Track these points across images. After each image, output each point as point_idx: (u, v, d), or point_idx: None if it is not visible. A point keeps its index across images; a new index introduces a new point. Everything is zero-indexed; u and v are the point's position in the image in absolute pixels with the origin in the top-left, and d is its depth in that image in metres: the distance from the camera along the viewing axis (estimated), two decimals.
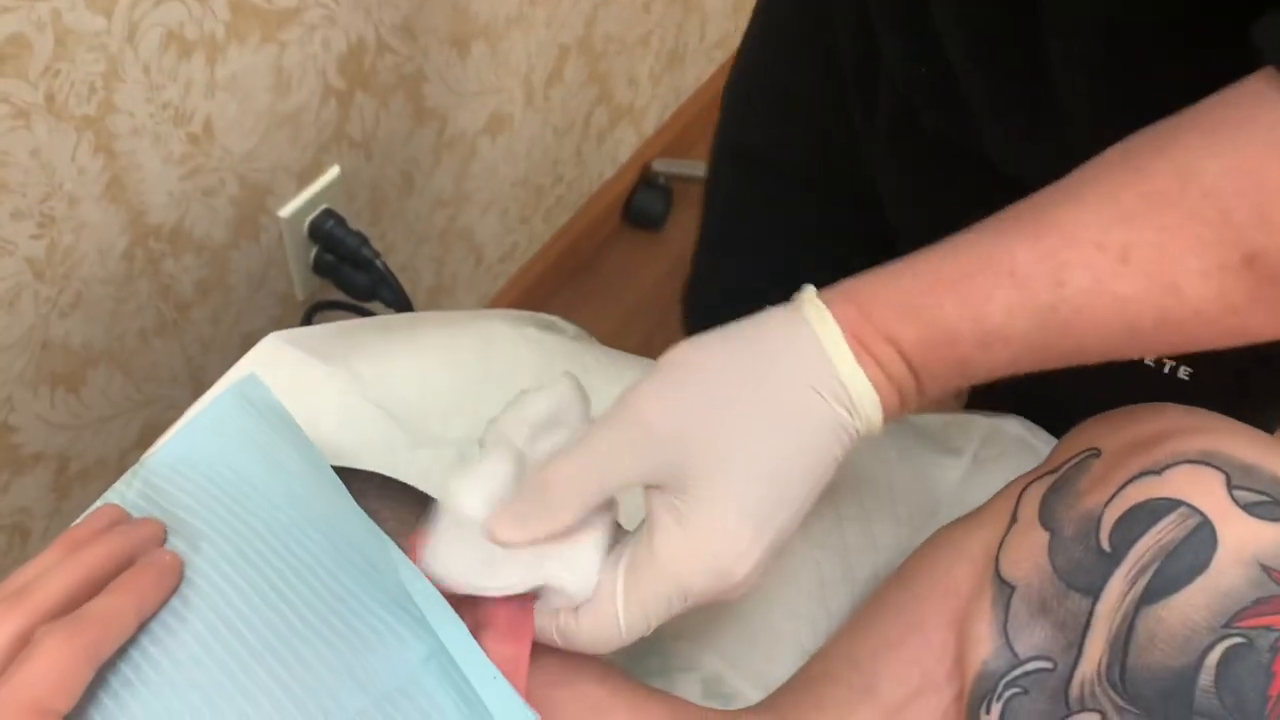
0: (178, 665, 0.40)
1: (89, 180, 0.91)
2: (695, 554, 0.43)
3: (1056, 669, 0.44)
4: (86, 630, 0.39)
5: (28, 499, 1.03)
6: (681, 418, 0.44)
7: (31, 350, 0.95)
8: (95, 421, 1.06)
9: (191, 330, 1.12)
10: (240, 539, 0.44)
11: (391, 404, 0.60)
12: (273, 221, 1.14)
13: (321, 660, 0.41)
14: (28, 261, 0.90)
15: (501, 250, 1.60)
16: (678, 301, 1.04)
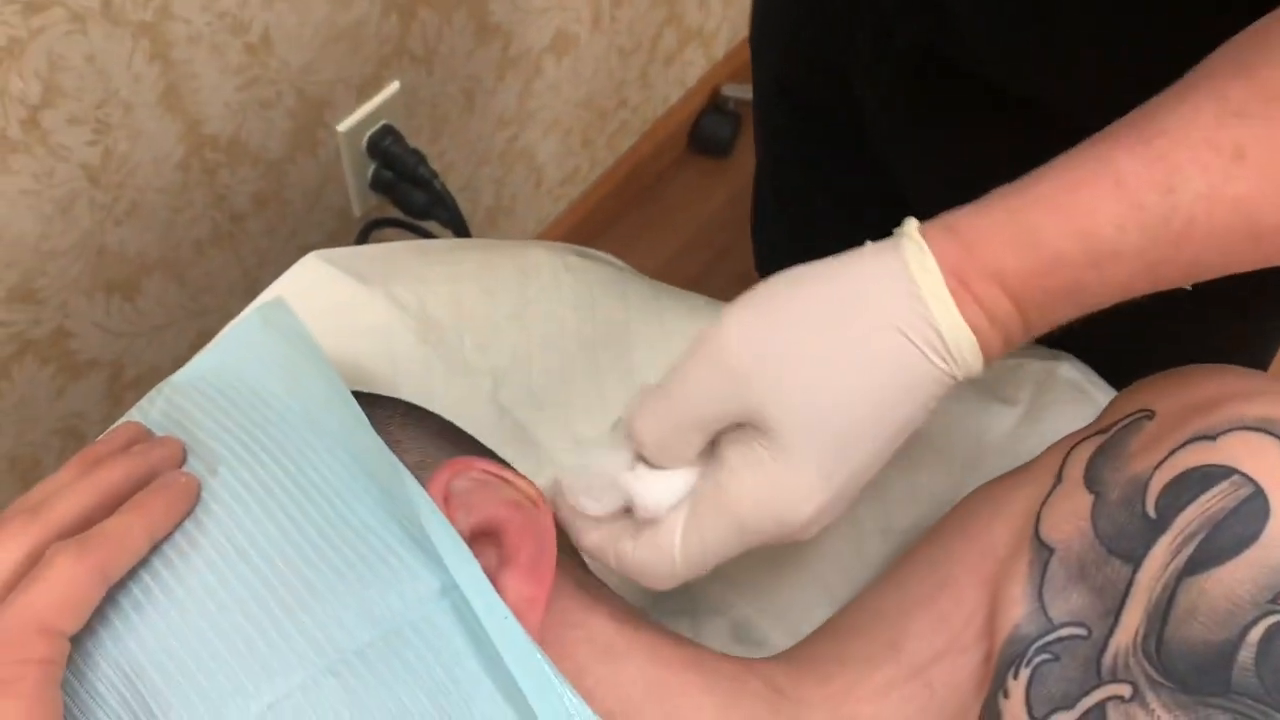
0: (188, 590, 0.40)
1: (144, 88, 0.90)
2: (761, 497, 0.43)
3: (1091, 636, 0.42)
4: (97, 550, 0.38)
5: (82, 404, 1.04)
6: (761, 357, 0.43)
7: (87, 257, 0.95)
8: (150, 330, 1.07)
9: (247, 242, 1.12)
10: (258, 464, 0.43)
11: (427, 329, 0.59)
12: (330, 136, 1.13)
13: (332, 591, 0.40)
14: (83, 167, 0.90)
15: (563, 173, 1.58)
16: (740, 230, 1.03)
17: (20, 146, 0.84)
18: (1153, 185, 0.40)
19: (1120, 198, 0.40)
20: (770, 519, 0.43)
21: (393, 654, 0.39)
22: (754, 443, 0.43)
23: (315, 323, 0.58)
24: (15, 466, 1.02)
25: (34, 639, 0.36)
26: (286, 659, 0.39)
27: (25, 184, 0.86)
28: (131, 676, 0.39)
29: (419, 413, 0.50)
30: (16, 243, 0.89)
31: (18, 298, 0.92)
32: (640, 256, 1.73)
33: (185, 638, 0.39)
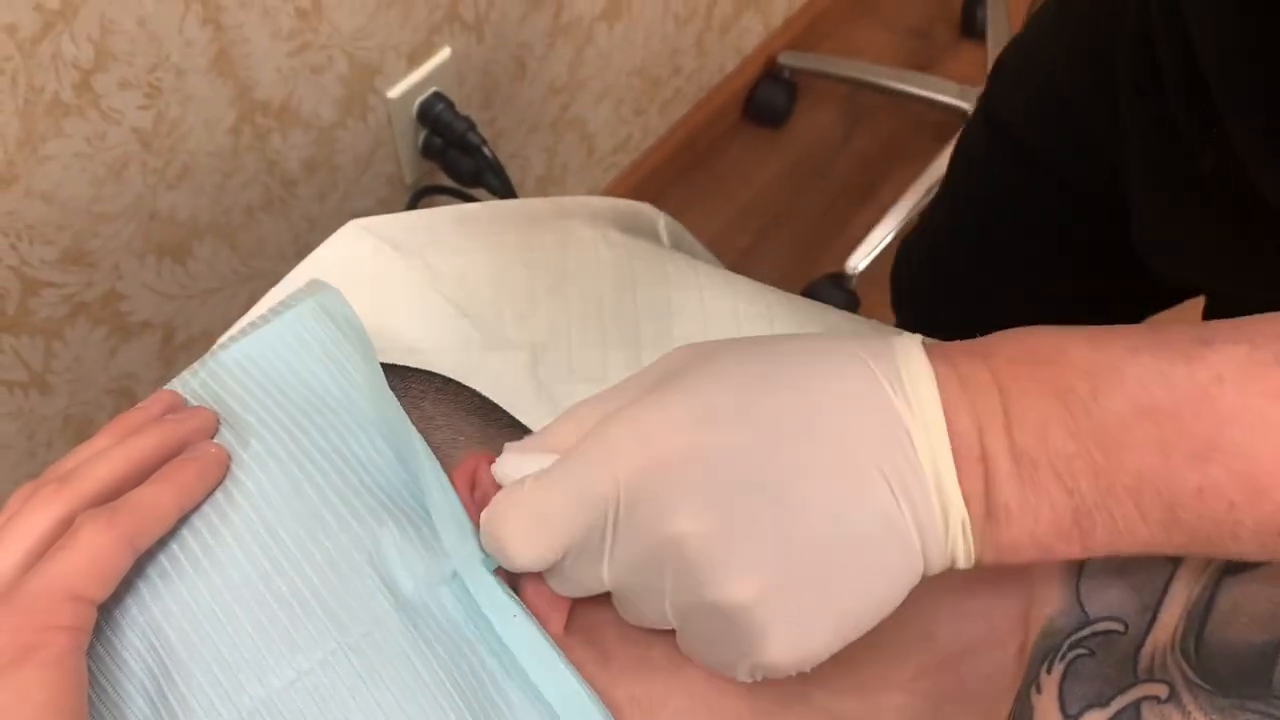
0: (214, 562, 0.40)
1: (196, 52, 0.91)
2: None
3: (1128, 632, 0.41)
4: (126, 519, 0.39)
5: (134, 365, 1.06)
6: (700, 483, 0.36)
7: (139, 220, 0.96)
8: (201, 293, 1.08)
9: (298, 207, 1.12)
10: (290, 438, 0.43)
11: (465, 301, 0.59)
12: (381, 102, 1.13)
13: (354, 568, 0.40)
14: (134, 131, 0.90)
15: (614, 142, 1.58)
16: (793, 201, 1.01)
17: (73, 110, 0.85)
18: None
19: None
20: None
21: (414, 629, 0.39)
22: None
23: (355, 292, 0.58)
24: (69, 424, 1.04)
25: (61, 606, 0.37)
26: (308, 635, 0.39)
27: (78, 147, 0.87)
28: (156, 646, 0.39)
29: (454, 388, 0.50)
30: (69, 205, 0.89)
31: (71, 260, 0.93)
32: (692, 227, 1.71)
33: (210, 610, 0.39)
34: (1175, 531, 0.35)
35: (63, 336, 0.97)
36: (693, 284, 0.61)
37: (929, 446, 0.35)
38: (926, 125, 1.82)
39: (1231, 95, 0.52)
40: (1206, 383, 0.34)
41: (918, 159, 1.73)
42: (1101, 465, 0.34)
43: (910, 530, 0.35)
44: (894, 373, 0.36)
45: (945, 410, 0.35)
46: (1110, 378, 0.34)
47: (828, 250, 1.69)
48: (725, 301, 0.60)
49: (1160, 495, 0.34)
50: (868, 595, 0.36)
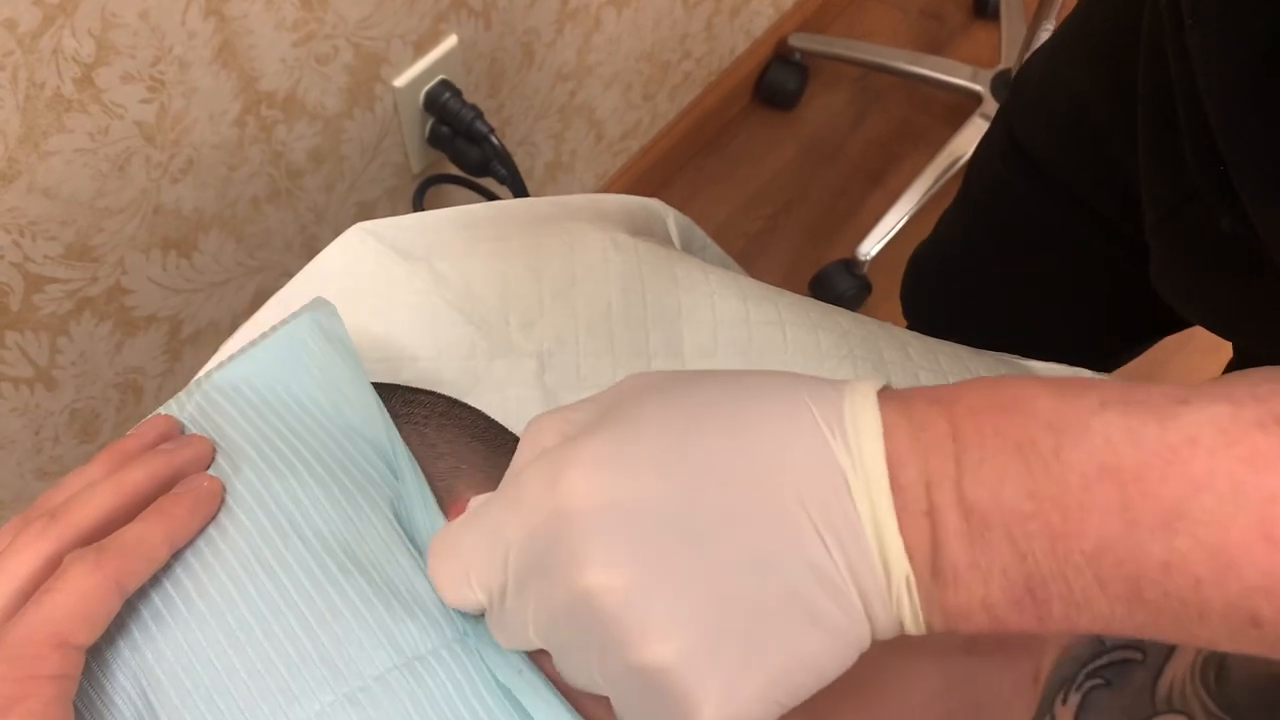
0: (208, 603, 0.39)
1: (199, 44, 0.90)
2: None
3: (1146, 661, 0.41)
4: (114, 559, 0.37)
5: (140, 359, 1.05)
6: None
7: (143, 214, 0.95)
8: (207, 286, 1.07)
9: (304, 199, 1.11)
10: (290, 472, 0.42)
11: (471, 308, 0.58)
12: (387, 91, 1.12)
13: (355, 614, 0.39)
14: (138, 125, 0.89)
15: (623, 128, 1.56)
16: (806, 185, 0.99)
17: (75, 105, 0.84)
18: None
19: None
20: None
21: (414, 682, 0.38)
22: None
23: (359, 298, 0.57)
24: (75, 419, 1.04)
25: (47, 653, 0.36)
26: (305, 684, 0.38)
27: (80, 142, 0.86)
28: (147, 690, 0.38)
29: (458, 411, 0.49)
30: (72, 201, 0.89)
31: (75, 255, 0.92)
32: (702, 212, 1.70)
33: (203, 654, 0.38)
34: (1138, 609, 0.31)
35: (68, 332, 0.96)
36: (702, 288, 0.60)
37: (868, 497, 0.32)
38: (939, 108, 1.80)
39: (1240, 163, 0.51)
40: (1178, 444, 0.30)
41: (930, 142, 1.71)
42: (1059, 529, 0.31)
43: (847, 585, 0.32)
44: (837, 418, 0.33)
45: (890, 460, 0.33)
46: (1075, 433, 0.31)
47: (839, 236, 1.68)
48: (735, 307, 0.59)
49: (1122, 567, 0.31)
50: (804, 654, 0.33)
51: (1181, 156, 0.57)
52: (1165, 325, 0.83)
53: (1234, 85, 0.49)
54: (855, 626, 0.33)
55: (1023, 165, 0.78)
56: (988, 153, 0.85)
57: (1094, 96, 0.69)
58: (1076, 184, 0.74)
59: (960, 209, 0.90)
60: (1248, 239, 0.54)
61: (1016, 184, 0.80)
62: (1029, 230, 0.81)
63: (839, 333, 0.60)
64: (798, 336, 0.59)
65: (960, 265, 0.89)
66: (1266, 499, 0.29)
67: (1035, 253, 0.82)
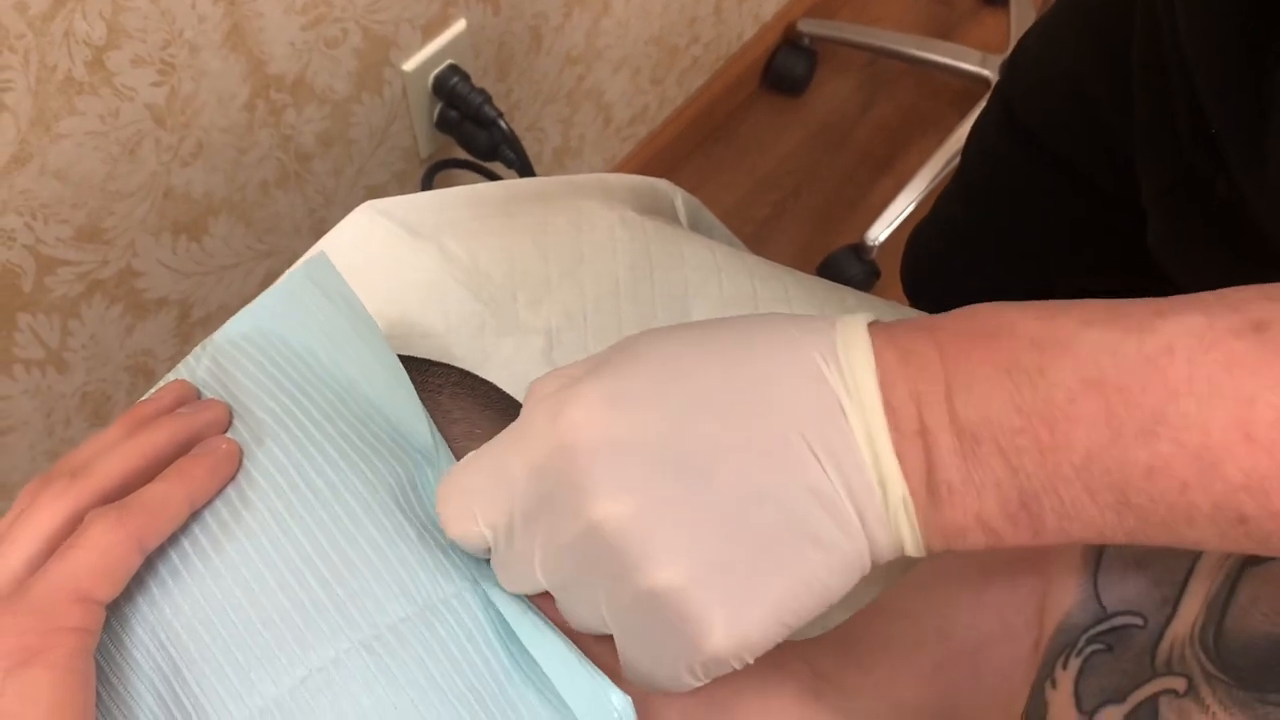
0: (225, 559, 0.40)
1: (209, 28, 0.90)
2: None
3: (1147, 626, 0.41)
4: (135, 517, 0.38)
5: (151, 342, 1.06)
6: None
7: (153, 198, 0.96)
8: (217, 269, 1.08)
9: (313, 182, 1.12)
10: (301, 431, 0.43)
11: (479, 285, 0.59)
12: (396, 75, 1.12)
13: (368, 564, 0.40)
14: (148, 109, 0.90)
15: (631, 112, 1.56)
16: (813, 171, 0.99)
17: (86, 88, 0.84)
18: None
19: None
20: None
21: (427, 630, 0.39)
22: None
23: (368, 275, 0.58)
24: (87, 402, 1.04)
25: (69, 607, 0.36)
26: (320, 632, 0.38)
27: (91, 125, 0.87)
28: (166, 644, 0.39)
29: (471, 381, 0.49)
30: (83, 183, 0.89)
31: (86, 238, 0.93)
32: (709, 197, 1.70)
33: (220, 607, 0.39)
34: (1127, 515, 0.32)
35: (79, 314, 0.97)
36: (710, 265, 0.60)
37: (863, 419, 0.33)
38: (947, 94, 1.80)
39: (1226, 127, 0.51)
40: (1155, 353, 0.32)
41: (938, 128, 1.71)
42: (1047, 442, 0.32)
43: (846, 506, 0.33)
44: (828, 347, 0.34)
45: (881, 383, 0.34)
46: (1058, 350, 0.32)
47: (847, 221, 1.68)
48: (743, 284, 0.60)
49: (1110, 475, 0.32)
50: (808, 575, 0.34)
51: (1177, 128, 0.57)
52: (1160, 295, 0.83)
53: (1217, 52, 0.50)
54: (856, 546, 0.34)
55: (1019, 140, 0.78)
56: (984, 129, 0.85)
57: (1089, 70, 0.70)
58: (1074, 157, 0.74)
59: (958, 186, 0.90)
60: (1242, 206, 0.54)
61: (1013, 158, 0.80)
62: (1026, 204, 0.81)
63: (844, 308, 0.61)
64: (804, 310, 0.59)
65: (959, 242, 0.89)
66: (1244, 400, 0.30)
67: (1033, 226, 0.82)
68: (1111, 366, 0.32)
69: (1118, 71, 0.64)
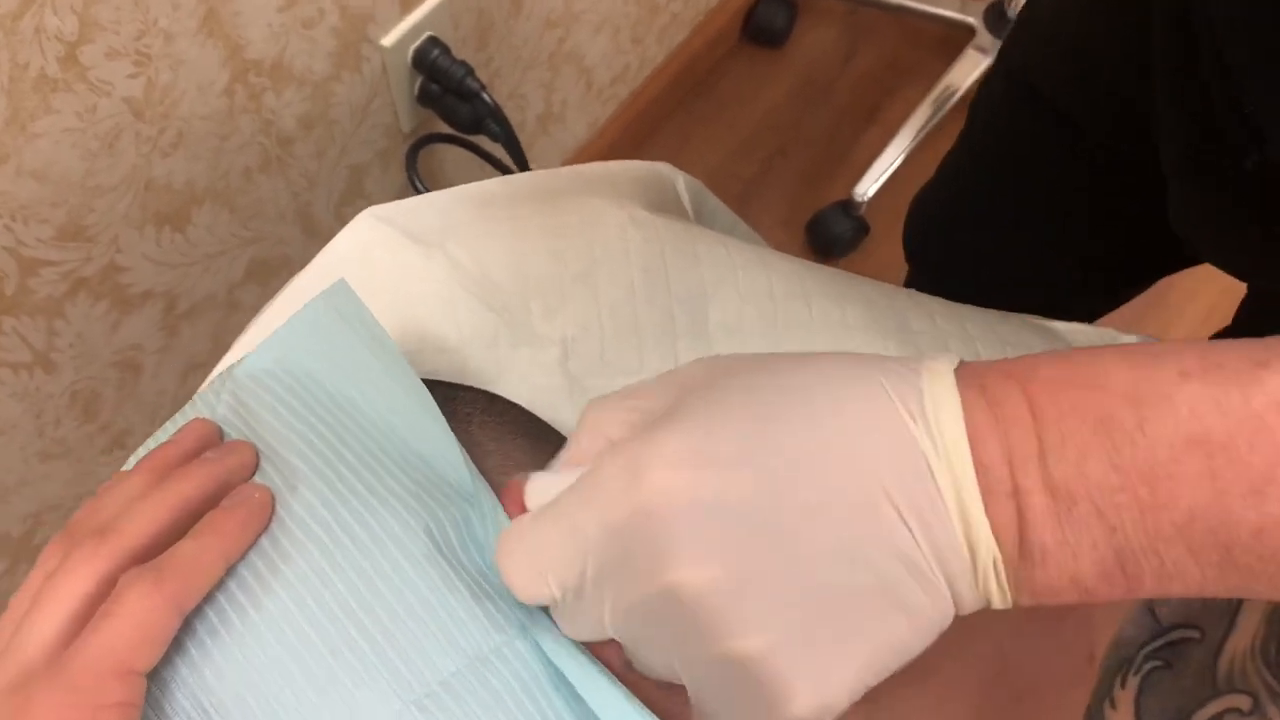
0: (266, 617, 0.38)
1: (184, 15, 0.87)
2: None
3: (1204, 639, 0.40)
4: (171, 579, 0.37)
5: (138, 336, 1.03)
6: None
7: (135, 190, 0.93)
8: (202, 259, 1.05)
9: (296, 165, 1.09)
10: (335, 475, 0.41)
11: (490, 295, 0.57)
12: (375, 51, 1.09)
13: (414, 617, 0.38)
14: (126, 101, 0.87)
15: (613, 73, 1.53)
16: (798, 126, 0.97)
17: (60, 84, 0.81)
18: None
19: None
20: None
21: (479, 683, 0.38)
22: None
23: (374, 289, 0.56)
24: (76, 401, 1.02)
25: (110, 683, 0.35)
26: (370, 694, 0.37)
27: (68, 122, 0.84)
28: (209, 709, 0.38)
29: (499, 406, 0.48)
30: (62, 181, 0.86)
31: (68, 236, 0.90)
32: (694, 156, 1.68)
33: (264, 669, 0.38)
34: (1231, 573, 0.31)
35: (64, 314, 0.95)
36: (726, 264, 0.58)
37: (952, 481, 0.32)
38: (929, 41, 1.78)
39: (1264, 95, 0.49)
40: (1263, 409, 0.30)
41: (922, 76, 1.68)
42: (1148, 501, 0.31)
43: (934, 571, 0.32)
44: (916, 399, 0.33)
45: (971, 440, 0.32)
46: (1158, 405, 0.31)
47: (835, 177, 1.66)
48: (760, 281, 0.58)
49: (1214, 534, 0.31)
50: (892, 640, 0.33)
51: (1200, 98, 0.56)
52: (1173, 263, 0.82)
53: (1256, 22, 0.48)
54: (941, 609, 0.33)
55: (1032, 106, 0.77)
56: (992, 93, 0.83)
57: (1104, 36, 0.68)
58: (1089, 125, 0.73)
59: (964, 150, 0.88)
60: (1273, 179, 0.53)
61: (1024, 125, 0.79)
62: (1037, 170, 0.80)
63: (864, 304, 0.59)
64: (824, 309, 0.58)
65: (966, 208, 0.88)
66: None
67: (1043, 192, 0.80)
68: (1216, 423, 0.30)
69: (1130, 33, 0.62)
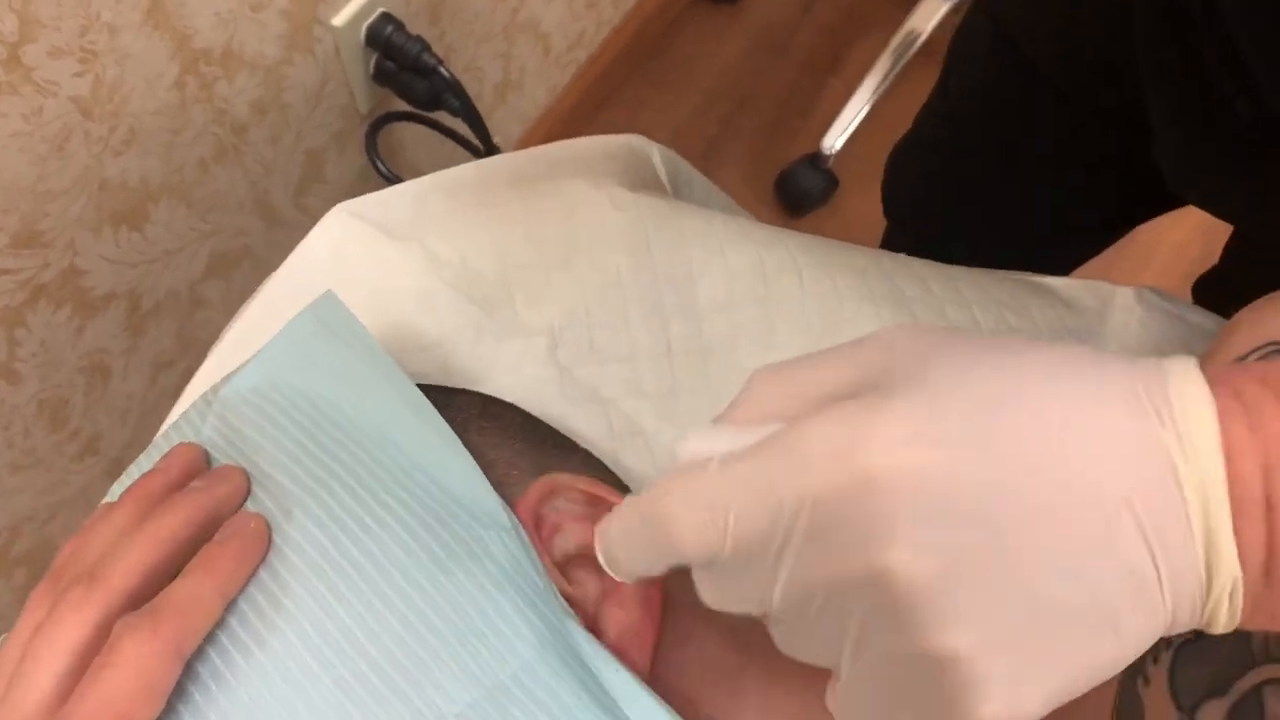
0: (269, 654, 0.37)
1: (128, 8, 0.84)
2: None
3: None
4: (168, 622, 0.35)
5: (103, 339, 1.01)
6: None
7: (89, 192, 0.90)
8: (162, 256, 1.02)
9: (251, 153, 1.06)
10: (332, 498, 0.39)
11: (471, 285, 0.55)
12: (327, 32, 1.06)
13: (426, 647, 0.36)
14: (73, 101, 0.84)
15: (569, 39, 1.50)
16: (758, 81, 0.94)
17: (4, 88, 0.78)
18: None
19: None
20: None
21: (499, 714, 0.36)
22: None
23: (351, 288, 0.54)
24: (44, 410, 0.99)
25: None
26: None
27: (15, 126, 0.80)
28: None
29: (495, 409, 0.46)
30: (13, 187, 0.83)
31: (22, 243, 0.87)
32: (656, 117, 1.66)
33: (271, 711, 0.36)
34: None
35: (25, 323, 0.92)
36: (712, 240, 0.57)
37: (1201, 492, 0.29)
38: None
39: (1260, 47, 0.48)
40: None
41: (882, 25, 1.66)
42: None
43: (1162, 592, 0.29)
44: (1164, 400, 0.30)
45: (1227, 449, 0.29)
46: None
47: (800, 131, 1.64)
48: (747, 255, 0.57)
49: None
50: (1095, 662, 0.30)
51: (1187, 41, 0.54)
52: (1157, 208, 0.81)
53: None
54: (1154, 630, 0.30)
55: (1010, 57, 0.75)
56: (970, 41, 0.82)
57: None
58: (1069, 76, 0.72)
59: (942, 102, 0.87)
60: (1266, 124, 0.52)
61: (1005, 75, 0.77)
62: (1015, 120, 0.79)
63: (856, 272, 0.58)
64: (815, 279, 0.57)
65: (948, 165, 0.87)
66: None
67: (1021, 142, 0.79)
68: None
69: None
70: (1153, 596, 0.29)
